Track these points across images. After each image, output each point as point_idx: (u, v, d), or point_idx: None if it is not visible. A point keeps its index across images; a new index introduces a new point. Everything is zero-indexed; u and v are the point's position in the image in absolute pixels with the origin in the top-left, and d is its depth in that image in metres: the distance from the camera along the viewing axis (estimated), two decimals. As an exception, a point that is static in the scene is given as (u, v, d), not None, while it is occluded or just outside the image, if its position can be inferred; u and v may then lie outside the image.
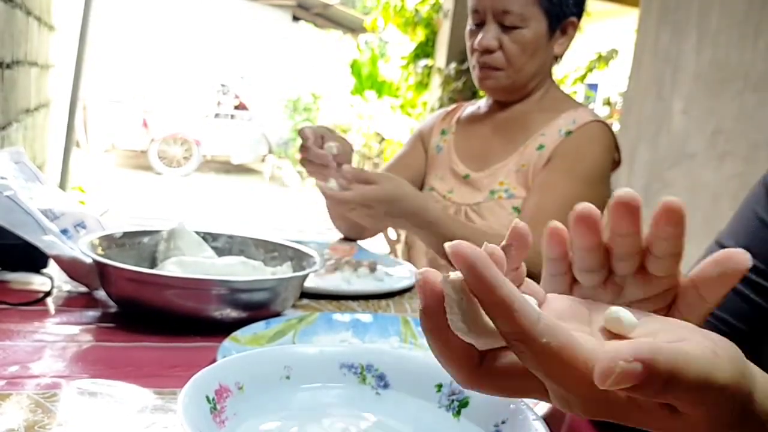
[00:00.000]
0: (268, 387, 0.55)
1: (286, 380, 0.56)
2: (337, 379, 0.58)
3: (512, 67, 1.24)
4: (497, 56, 1.24)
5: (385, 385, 0.58)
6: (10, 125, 2.00)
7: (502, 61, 1.24)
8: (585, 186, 1.19)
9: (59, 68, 3.18)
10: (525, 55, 1.23)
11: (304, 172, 6.59)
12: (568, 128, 1.24)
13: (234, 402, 0.52)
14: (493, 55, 1.24)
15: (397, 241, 1.63)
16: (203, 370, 0.51)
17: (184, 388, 0.48)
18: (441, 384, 0.56)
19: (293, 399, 0.56)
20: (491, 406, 0.53)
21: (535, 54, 1.24)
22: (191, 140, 9.05)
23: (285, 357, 0.57)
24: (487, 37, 1.23)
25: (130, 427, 0.56)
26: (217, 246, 1.03)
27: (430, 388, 0.57)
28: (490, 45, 1.23)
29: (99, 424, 0.56)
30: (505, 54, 1.23)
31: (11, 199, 0.88)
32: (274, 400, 0.54)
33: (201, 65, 10.82)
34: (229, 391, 0.52)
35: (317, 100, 9.77)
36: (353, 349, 0.62)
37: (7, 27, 1.84)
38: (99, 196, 5.25)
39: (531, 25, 1.21)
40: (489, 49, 1.23)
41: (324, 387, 0.57)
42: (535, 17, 1.21)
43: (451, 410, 0.55)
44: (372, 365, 0.58)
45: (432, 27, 4.92)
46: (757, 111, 2.20)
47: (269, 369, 0.56)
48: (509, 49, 1.23)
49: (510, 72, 1.25)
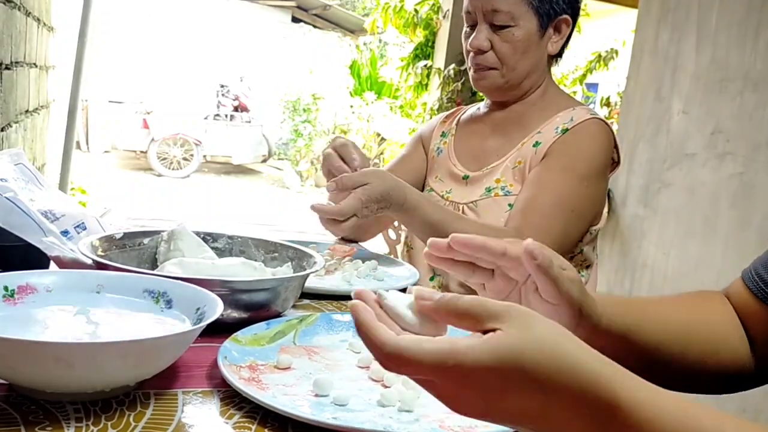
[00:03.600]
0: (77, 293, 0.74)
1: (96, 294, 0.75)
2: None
3: (505, 65, 1.25)
4: (489, 56, 1.25)
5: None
6: (10, 126, 2.00)
7: (495, 60, 1.25)
8: (579, 182, 1.19)
9: (59, 69, 3.18)
10: (517, 54, 1.24)
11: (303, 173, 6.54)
12: (565, 126, 1.24)
13: (35, 296, 0.71)
14: (486, 55, 1.25)
15: (396, 241, 1.63)
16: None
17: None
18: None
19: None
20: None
21: (527, 52, 1.25)
22: (191, 141, 9.05)
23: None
24: (479, 38, 1.24)
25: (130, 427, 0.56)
26: (217, 247, 1.03)
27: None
28: (482, 45, 1.24)
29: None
30: (497, 53, 1.24)
31: (11, 201, 0.88)
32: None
33: (201, 66, 10.83)
34: (35, 290, 0.72)
35: (317, 101, 9.77)
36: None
37: (6, 28, 1.84)
38: (99, 197, 5.25)
39: (521, 24, 1.22)
40: (481, 49, 1.25)
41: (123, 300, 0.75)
42: (524, 16, 1.22)
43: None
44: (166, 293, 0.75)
45: (431, 28, 4.92)
46: (756, 111, 2.20)
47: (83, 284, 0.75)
48: (500, 48, 1.24)
49: (504, 71, 1.26)
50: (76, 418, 0.56)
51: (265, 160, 10.47)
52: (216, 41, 11.01)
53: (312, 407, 0.62)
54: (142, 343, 0.59)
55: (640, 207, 2.62)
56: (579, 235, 1.24)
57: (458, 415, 0.61)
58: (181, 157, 9.06)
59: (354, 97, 9.64)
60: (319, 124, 9.61)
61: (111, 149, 9.68)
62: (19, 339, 0.55)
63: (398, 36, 6.18)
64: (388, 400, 0.64)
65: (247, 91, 10.61)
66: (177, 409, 0.60)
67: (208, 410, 0.61)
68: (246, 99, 10.51)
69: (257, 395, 0.61)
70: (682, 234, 2.41)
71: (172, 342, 0.62)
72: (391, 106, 8.49)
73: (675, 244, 2.44)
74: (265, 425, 0.59)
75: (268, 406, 0.59)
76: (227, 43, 11.06)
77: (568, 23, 1.27)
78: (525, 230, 1.14)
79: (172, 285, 0.75)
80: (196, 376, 0.68)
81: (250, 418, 0.60)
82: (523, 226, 1.15)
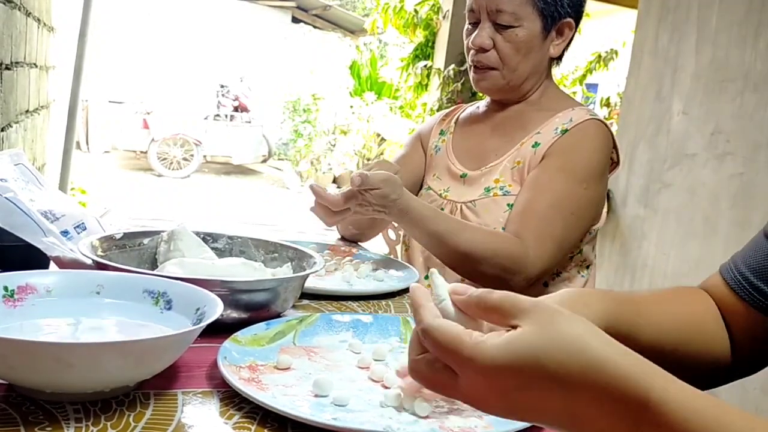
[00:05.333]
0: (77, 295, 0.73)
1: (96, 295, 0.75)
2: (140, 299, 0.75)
3: (507, 66, 1.25)
4: (491, 55, 1.24)
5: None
6: (10, 126, 2.00)
7: (496, 60, 1.25)
8: (578, 184, 1.19)
9: (59, 69, 3.18)
10: (519, 55, 1.24)
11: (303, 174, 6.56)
12: (564, 126, 1.24)
13: (35, 297, 0.71)
14: (487, 54, 1.25)
15: (396, 242, 1.63)
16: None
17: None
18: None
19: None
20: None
21: (528, 54, 1.24)
22: (191, 141, 9.05)
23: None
24: (481, 36, 1.23)
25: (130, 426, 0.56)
26: (217, 247, 1.03)
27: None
28: (484, 44, 1.23)
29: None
30: (499, 53, 1.24)
31: (11, 201, 0.88)
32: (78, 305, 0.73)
33: (201, 66, 10.83)
34: (35, 290, 0.71)
35: (317, 101, 9.77)
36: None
37: (6, 28, 1.84)
38: (99, 197, 5.25)
39: (525, 25, 1.22)
40: (483, 47, 1.24)
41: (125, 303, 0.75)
42: (528, 17, 1.21)
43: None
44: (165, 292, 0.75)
45: (431, 28, 4.92)
46: (756, 111, 2.20)
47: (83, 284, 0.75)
48: (503, 48, 1.23)
49: (505, 72, 1.25)
50: (75, 418, 0.56)
51: (265, 160, 10.47)
52: (216, 41, 11.01)
53: (312, 408, 0.62)
54: (142, 344, 0.59)
55: (640, 207, 2.62)
56: (579, 237, 1.24)
57: (458, 416, 0.60)
58: (181, 158, 9.05)
59: (354, 98, 9.63)
60: (319, 125, 9.61)
61: (111, 149, 9.68)
62: (19, 339, 0.56)
63: (398, 36, 6.19)
64: (389, 401, 0.64)
65: (247, 91, 10.61)
66: (177, 409, 0.60)
67: (207, 411, 0.61)
68: (246, 99, 10.51)
69: (257, 395, 0.61)
70: (683, 234, 2.41)
71: (171, 342, 0.62)
72: (391, 106, 8.50)
73: (675, 245, 2.44)
74: (264, 426, 0.59)
75: (268, 407, 0.59)
76: (227, 43, 11.06)
77: (571, 27, 1.27)
78: (524, 234, 1.14)
79: (172, 285, 0.75)
80: (195, 377, 0.68)
81: (249, 418, 0.60)
82: (522, 229, 1.15)
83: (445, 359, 0.45)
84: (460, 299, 0.48)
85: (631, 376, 0.41)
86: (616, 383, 0.41)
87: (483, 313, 0.47)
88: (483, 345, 0.43)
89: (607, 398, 0.41)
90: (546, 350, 0.41)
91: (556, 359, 0.41)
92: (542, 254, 1.14)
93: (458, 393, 0.45)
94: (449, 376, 0.45)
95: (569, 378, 0.41)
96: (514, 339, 0.42)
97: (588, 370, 0.41)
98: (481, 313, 0.47)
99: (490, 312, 0.46)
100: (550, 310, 0.44)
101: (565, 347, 0.41)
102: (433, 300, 0.50)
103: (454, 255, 1.15)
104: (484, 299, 0.46)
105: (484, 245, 1.12)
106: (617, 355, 0.42)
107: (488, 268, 1.12)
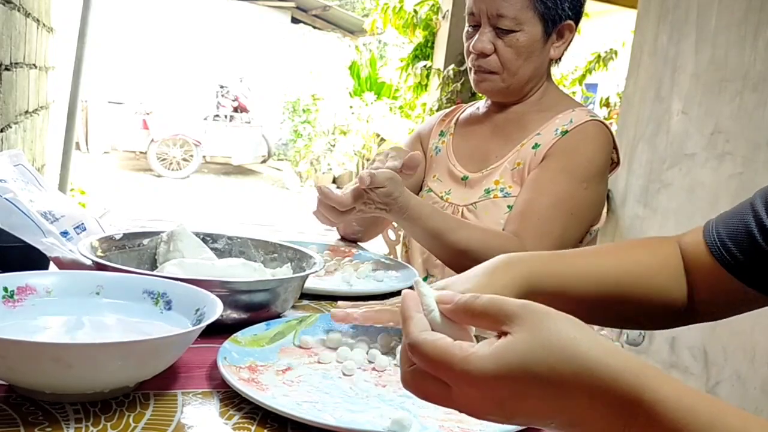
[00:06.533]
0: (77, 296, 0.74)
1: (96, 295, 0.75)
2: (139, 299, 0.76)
3: (507, 71, 1.25)
4: (492, 60, 1.24)
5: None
6: (10, 127, 2.00)
7: (497, 64, 1.24)
8: (578, 184, 1.19)
9: (58, 70, 3.18)
10: (520, 59, 1.23)
11: (303, 174, 6.56)
12: (564, 127, 1.24)
13: (35, 298, 0.71)
14: (488, 58, 1.24)
15: (396, 242, 1.63)
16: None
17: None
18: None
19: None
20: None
21: (530, 58, 1.24)
22: (191, 142, 9.04)
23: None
24: (482, 41, 1.23)
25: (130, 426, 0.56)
26: (217, 247, 1.03)
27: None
28: (485, 48, 1.23)
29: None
30: (500, 58, 1.24)
31: (11, 202, 0.88)
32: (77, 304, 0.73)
33: (201, 66, 10.82)
34: (35, 291, 0.71)
35: (316, 101, 9.77)
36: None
37: (5, 29, 1.84)
38: (99, 198, 5.25)
39: (526, 29, 1.21)
40: (484, 52, 1.24)
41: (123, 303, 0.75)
42: (529, 21, 1.21)
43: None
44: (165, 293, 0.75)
45: (431, 28, 4.92)
46: (756, 111, 2.20)
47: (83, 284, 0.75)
48: (504, 53, 1.23)
49: (505, 76, 1.25)
50: (75, 419, 0.56)
51: (264, 160, 10.47)
52: (216, 41, 11.00)
53: (312, 408, 0.62)
54: (142, 344, 0.59)
55: (639, 207, 2.62)
56: (578, 238, 1.24)
57: (458, 416, 0.60)
58: (181, 158, 9.05)
59: (353, 98, 9.63)
60: (318, 125, 9.61)
61: (111, 150, 9.68)
62: (18, 340, 0.55)
63: (398, 37, 6.19)
64: (389, 401, 0.64)
65: (247, 91, 10.61)
66: (176, 409, 0.60)
67: (207, 411, 0.61)
68: (246, 100, 10.51)
69: (257, 396, 0.61)
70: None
71: (171, 343, 0.62)
72: (391, 106, 8.50)
73: (675, 245, 2.44)
74: (264, 426, 0.59)
75: (268, 407, 0.59)
76: (227, 43, 11.05)
77: (572, 29, 1.27)
78: (523, 234, 1.14)
79: (171, 286, 0.75)
80: (195, 377, 0.68)
81: (249, 418, 0.60)
82: (521, 229, 1.15)
83: (436, 374, 0.44)
84: (447, 308, 0.47)
85: (624, 377, 0.41)
86: (608, 385, 0.41)
87: (472, 319, 0.46)
88: (473, 357, 0.42)
89: (600, 399, 0.41)
90: (537, 356, 0.41)
91: (547, 364, 0.41)
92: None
93: (453, 404, 0.45)
94: (442, 387, 0.44)
95: (562, 382, 0.41)
96: (503, 348, 0.42)
97: (580, 373, 0.41)
98: (470, 320, 0.46)
99: (478, 318, 0.45)
100: (539, 313, 0.43)
101: (556, 352, 0.41)
102: (423, 310, 0.48)
103: (452, 252, 1.15)
104: (471, 306, 0.45)
105: (481, 243, 1.12)
106: (609, 357, 0.42)
107: None
